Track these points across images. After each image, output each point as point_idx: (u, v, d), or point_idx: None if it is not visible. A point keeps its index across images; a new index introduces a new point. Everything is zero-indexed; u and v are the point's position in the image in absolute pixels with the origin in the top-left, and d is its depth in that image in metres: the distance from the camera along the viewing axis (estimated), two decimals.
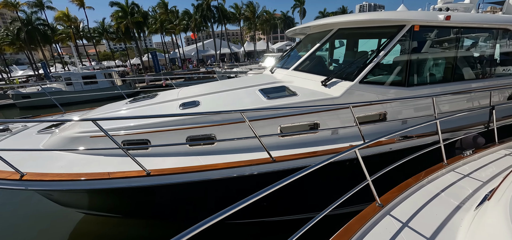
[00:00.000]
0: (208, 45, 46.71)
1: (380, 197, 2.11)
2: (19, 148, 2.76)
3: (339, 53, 5.10)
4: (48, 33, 34.46)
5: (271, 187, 1.38)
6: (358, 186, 1.99)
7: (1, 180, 2.48)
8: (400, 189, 2.27)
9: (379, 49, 3.36)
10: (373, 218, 1.93)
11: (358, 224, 1.87)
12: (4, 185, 2.48)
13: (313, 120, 3.27)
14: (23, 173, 2.48)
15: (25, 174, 2.48)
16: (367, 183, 2.02)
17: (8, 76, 36.02)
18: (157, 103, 3.68)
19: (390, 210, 2.03)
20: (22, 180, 2.44)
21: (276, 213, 3.62)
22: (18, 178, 2.45)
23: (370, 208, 2.03)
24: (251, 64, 20.59)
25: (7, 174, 2.51)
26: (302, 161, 2.82)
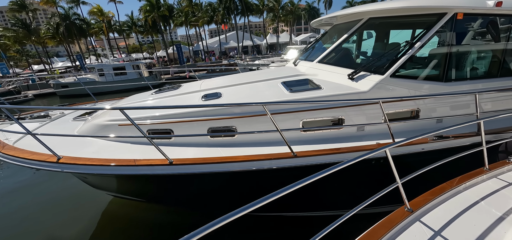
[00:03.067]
0: (231, 37, 46.93)
1: (410, 201, 1.96)
2: (56, 133, 2.97)
3: (367, 45, 4.80)
4: (84, 27, 36.88)
5: (298, 182, 1.33)
6: (387, 188, 1.86)
7: (40, 161, 2.70)
8: (433, 193, 2.08)
9: (414, 40, 3.09)
10: (401, 223, 1.79)
11: (384, 228, 1.74)
12: (43, 167, 2.69)
13: (337, 115, 3.12)
14: (59, 156, 2.67)
15: (61, 157, 2.67)
16: (396, 185, 1.87)
17: (49, 68, 39.35)
18: (180, 94, 3.75)
19: (420, 216, 1.87)
20: (59, 162, 2.63)
21: (296, 208, 3.56)
22: (55, 160, 2.64)
23: (398, 212, 1.89)
24: (273, 57, 20.33)
25: (46, 156, 2.72)
26: (324, 157, 2.72)
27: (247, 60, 20.46)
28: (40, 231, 4.52)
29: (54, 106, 4.08)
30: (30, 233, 4.44)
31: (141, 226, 4.49)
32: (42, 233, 4.47)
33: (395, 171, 1.81)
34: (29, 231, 4.48)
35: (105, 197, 4.90)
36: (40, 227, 4.59)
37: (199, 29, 41.18)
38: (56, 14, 34.95)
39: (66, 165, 2.63)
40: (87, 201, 5.09)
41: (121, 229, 4.48)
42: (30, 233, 4.44)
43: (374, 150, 1.74)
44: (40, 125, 4.04)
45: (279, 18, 41.89)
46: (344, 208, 2.04)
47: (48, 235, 4.46)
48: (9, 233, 4.47)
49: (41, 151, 2.81)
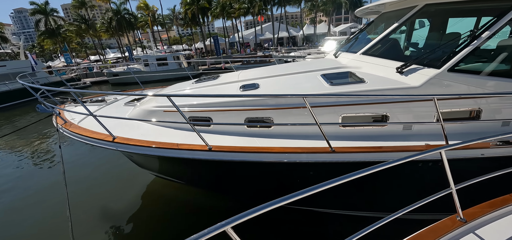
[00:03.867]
0: (266, 29, 46.59)
1: (464, 211, 1.75)
2: (111, 116, 3.30)
3: (419, 36, 4.35)
4: (132, 21, 40.15)
5: (339, 179, 1.26)
6: (440, 193, 1.68)
7: (99, 140, 3.06)
8: (492, 205, 1.82)
9: (480, 30, 2.69)
10: (451, 234, 1.61)
11: (432, 235, 1.58)
12: (100, 144, 3.05)
13: (381, 111, 2.91)
14: (114, 136, 2.99)
15: (116, 137, 2.99)
16: (449, 191, 1.68)
17: (103, 58, 43.90)
18: (219, 84, 3.87)
19: (475, 228, 1.65)
20: (114, 142, 2.95)
21: (332, 205, 3.46)
22: (111, 140, 2.96)
23: (449, 220, 1.70)
24: (309, 49, 19.68)
25: (103, 136, 3.07)
26: (365, 155, 2.57)
27: (282, 52, 20.16)
28: (96, 198, 5.20)
29: (110, 92, 4.57)
30: (87, 202, 5.10)
31: (179, 205, 4.84)
32: (96, 201, 5.13)
33: (450, 175, 1.62)
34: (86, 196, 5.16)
35: (148, 176, 5.38)
36: (95, 197, 5.28)
37: (235, 21, 41.72)
38: (109, 9, 38.63)
39: (119, 144, 2.94)
40: (133, 178, 5.66)
41: (161, 206, 4.89)
42: (87, 202, 5.10)
43: (427, 150, 1.58)
44: (98, 108, 4.55)
45: (317, 8, 40.14)
46: (383, 210, 1.91)
47: (101, 203, 5.11)
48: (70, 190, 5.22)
49: (99, 131, 3.18)
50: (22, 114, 16.19)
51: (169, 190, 5.22)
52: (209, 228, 0.95)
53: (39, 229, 4.48)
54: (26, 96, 19.55)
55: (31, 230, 4.49)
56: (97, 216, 4.73)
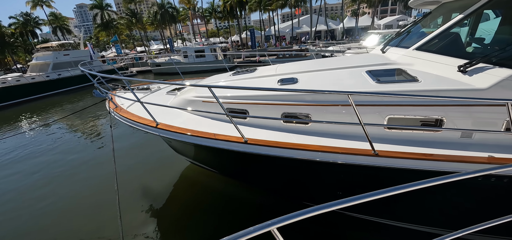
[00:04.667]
0: (303, 21, 45.18)
1: None
2: (156, 103, 3.51)
3: (485, 30, 3.75)
4: (174, 14, 42.40)
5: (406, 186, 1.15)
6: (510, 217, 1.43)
7: (144, 124, 3.28)
8: None
9: None
10: None
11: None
12: (145, 129, 3.25)
13: (435, 114, 2.59)
14: (158, 122, 3.18)
15: (159, 123, 3.17)
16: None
17: (148, 50, 47.34)
18: (256, 77, 3.85)
19: None
20: (157, 127, 3.14)
21: (384, 214, 3.18)
22: (155, 125, 3.16)
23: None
24: (349, 43, 18.55)
25: (148, 121, 3.29)
26: (412, 161, 2.32)
27: (320, 46, 19.35)
28: (138, 177, 5.72)
29: (154, 81, 4.91)
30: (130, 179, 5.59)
31: (210, 192, 5.03)
32: (137, 179, 5.64)
33: None
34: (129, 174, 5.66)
35: (184, 162, 5.68)
36: (137, 175, 5.80)
37: (272, 13, 41.27)
38: (155, 3, 41.32)
39: (162, 130, 3.12)
40: (171, 163, 6.05)
41: (194, 191, 5.14)
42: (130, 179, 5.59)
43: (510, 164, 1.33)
44: (143, 95, 4.89)
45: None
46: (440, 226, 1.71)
47: (142, 182, 5.60)
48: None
49: (144, 116, 3.41)
50: (80, 97, 18.39)
51: (201, 176, 5.46)
52: (255, 227, 0.94)
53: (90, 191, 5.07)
54: (84, 82, 22.21)
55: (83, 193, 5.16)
56: (138, 193, 5.19)
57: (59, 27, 41.33)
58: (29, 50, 40.34)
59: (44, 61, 21.61)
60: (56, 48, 23.91)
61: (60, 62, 21.91)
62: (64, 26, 41.93)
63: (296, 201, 3.82)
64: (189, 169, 5.78)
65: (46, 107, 16.06)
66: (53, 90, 20.49)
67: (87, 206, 4.94)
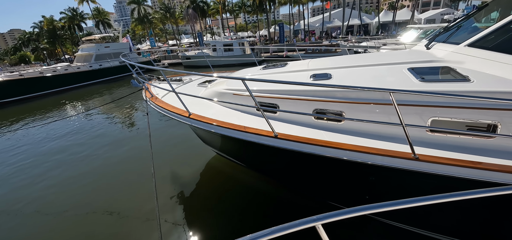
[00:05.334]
0: (335, 15, 43.31)
1: None
2: (189, 94, 3.63)
3: None
4: (205, 8, 43.42)
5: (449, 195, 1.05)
6: None
7: (177, 114, 3.41)
8: None
9: None
10: None
11: None
12: (178, 118, 3.39)
13: (487, 119, 2.31)
14: (190, 112, 3.30)
15: (191, 113, 3.29)
16: None
17: (179, 43, 49.25)
18: (288, 71, 3.78)
19: None
20: (190, 117, 3.25)
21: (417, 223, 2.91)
22: (187, 115, 3.27)
23: None
24: (385, 39, 17.39)
25: (181, 111, 3.42)
26: (458, 169, 2.11)
27: (352, 41, 18.42)
28: (168, 163, 6.02)
29: (187, 72, 5.10)
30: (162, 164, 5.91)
31: (235, 184, 5.10)
32: (168, 165, 5.92)
33: None
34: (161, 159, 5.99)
35: (209, 151, 5.85)
36: (167, 161, 6.11)
37: (303, 7, 40.24)
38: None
39: (194, 120, 3.22)
40: (196, 150, 6.29)
41: (219, 181, 5.26)
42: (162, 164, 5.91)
43: None
44: (176, 86, 5.10)
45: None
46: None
47: (171, 167, 5.90)
48: None
49: (178, 106, 3.55)
50: (118, 87, 19.82)
51: (226, 167, 5.57)
52: (301, 220, 0.93)
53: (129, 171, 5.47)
54: (121, 73, 23.92)
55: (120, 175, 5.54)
56: (168, 178, 5.47)
57: (101, 21, 44.73)
58: (75, 42, 44.45)
59: (88, 52, 23.64)
60: (98, 40, 26.00)
61: (101, 54, 23.80)
62: (105, 20, 45.29)
63: (321, 201, 3.73)
64: (216, 159, 5.94)
65: (90, 95, 17.59)
66: (95, 79, 22.35)
67: (125, 185, 5.35)
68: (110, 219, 4.34)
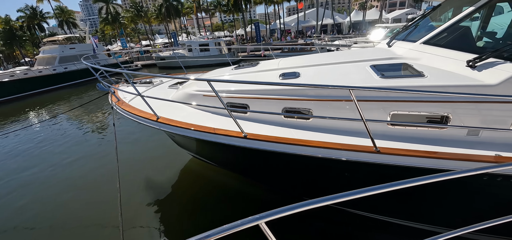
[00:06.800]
0: (310, 15, 44.47)
1: None
2: (157, 97, 3.49)
3: (496, 24, 3.60)
4: (179, 7, 42.24)
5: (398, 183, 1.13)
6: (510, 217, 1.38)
7: (144, 118, 3.28)
8: None
9: None
10: None
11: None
12: (146, 123, 3.27)
13: (441, 111, 2.51)
14: (158, 116, 3.18)
15: (159, 117, 3.17)
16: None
17: (153, 43, 47.44)
18: (258, 71, 3.80)
19: None
20: (157, 121, 3.13)
21: (379, 211, 3.18)
22: (155, 119, 3.15)
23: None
24: (356, 37, 18.21)
25: (149, 115, 3.29)
26: (415, 159, 2.25)
27: (325, 40, 19.04)
28: (141, 170, 5.78)
29: (157, 74, 4.91)
30: (133, 172, 5.66)
31: (214, 187, 5.04)
32: (141, 172, 5.69)
33: None
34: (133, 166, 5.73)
35: (186, 156, 5.70)
36: (140, 168, 5.86)
37: (278, 6, 40.74)
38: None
39: (162, 124, 3.11)
40: (172, 155, 6.11)
41: (198, 185, 5.15)
42: (133, 172, 5.66)
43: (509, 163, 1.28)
44: (145, 89, 4.89)
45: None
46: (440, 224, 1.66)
47: (144, 173, 5.69)
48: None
49: (146, 110, 3.41)
50: (86, 91, 18.61)
51: (203, 169, 5.48)
52: (243, 220, 0.94)
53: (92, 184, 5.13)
54: (91, 76, 22.45)
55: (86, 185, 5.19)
56: (141, 185, 5.25)
57: (65, 20, 41.64)
58: (36, 43, 40.92)
59: (51, 54, 21.92)
60: (62, 42, 24.19)
61: (66, 56, 22.18)
62: (70, 19, 42.23)
63: (296, 197, 3.80)
64: (193, 162, 5.80)
65: (53, 100, 16.31)
66: (60, 83, 20.79)
67: (89, 198, 5.02)
68: (75, 233, 4.07)
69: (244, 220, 0.93)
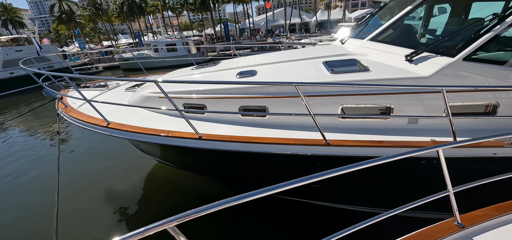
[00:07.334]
0: (278, 14, 45.25)
1: (462, 215, 1.58)
2: (107, 101, 3.27)
3: (439, 23, 4.00)
4: (143, 6, 40.11)
5: (324, 173, 1.22)
6: (436, 195, 1.53)
7: (93, 124, 3.04)
8: (496, 210, 1.62)
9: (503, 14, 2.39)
10: (445, 239, 1.47)
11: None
12: (95, 129, 3.04)
13: (385, 103, 2.70)
14: (109, 121, 2.97)
15: (110, 122, 2.96)
16: (447, 194, 1.52)
17: (115, 44, 44.47)
18: (216, 71, 3.75)
19: (473, 235, 1.50)
20: (108, 127, 2.92)
21: (328, 198, 3.35)
22: (105, 125, 2.94)
23: (445, 224, 1.55)
24: (321, 35, 18.99)
25: (99, 121, 3.06)
26: (362, 149, 2.40)
27: (292, 39, 19.55)
28: (102, 176, 5.41)
29: (110, 77, 4.60)
30: (95, 181, 5.24)
31: (185, 191, 4.88)
32: (102, 179, 5.33)
33: (448, 176, 1.47)
34: (94, 179, 5.30)
35: (152, 161, 5.44)
36: (101, 173, 5.48)
37: (246, 6, 40.78)
38: None
39: (113, 130, 2.92)
40: (137, 162, 5.77)
41: (166, 191, 4.97)
42: (95, 181, 5.24)
43: (425, 148, 1.42)
44: (99, 93, 4.56)
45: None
46: (385, 207, 1.79)
47: (108, 181, 5.33)
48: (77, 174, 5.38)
49: (96, 116, 3.16)
50: (37, 97, 16.79)
51: (169, 174, 5.28)
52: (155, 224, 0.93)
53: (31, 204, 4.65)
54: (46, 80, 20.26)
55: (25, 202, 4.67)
56: (104, 196, 4.91)
57: (10, 19, 37.19)
58: None
59: None
60: (7, 43, 21.54)
61: (12, 59, 19.72)
62: (16, 18, 37.82)
63: None
64: (158, 167, 5.55)
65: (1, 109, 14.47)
66: (6, 90, 18.49)
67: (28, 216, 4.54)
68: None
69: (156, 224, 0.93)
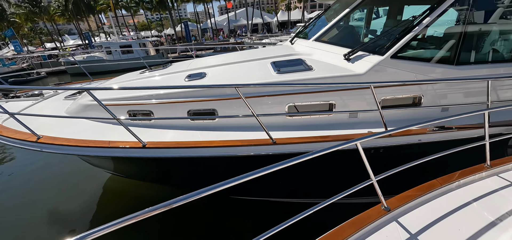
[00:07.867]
0: (241, 14, 45.33)
1: (389, 199, 1.76)
2: (42, 113, 2.91)
3: (379, 24, 4.41)
4: (91, 3, 36.67)
5: (265, 169, 1.27)
6: (361, 184, 1.67)
7: (21, 140, 2.67)
8: (418, 190, 1.85)
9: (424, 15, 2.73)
10: (374, 223, 1.61)
11: (354, 227, 1.57)
12: (23, 145, 2.67)
13: (328, 99, 2.88)
14: (39, 136, 2.63)
15: (41, 137, 2.63)
16: (370, 182, 1.68)
17: (61, 46, 39.88)
18: (165, 74, 3.59)
19: (398, 216, 1.67)
20: (38, 142, 2.59)
21: (278, 194, 3.45)
22: (35, 140, 2.60)
23: (374, 210, 1.71)
24: (282, 35, 19.56)
25: (27, 135, 2.69)
26: (306, 145, 2.53)
27: (253, 39, 19.78)
28: (47, 202, 4.76)
29: (43, 86, 4.08)
30: (36, 205, 4.62)
31: (142, 202, 4.52)
32: (48, 205, 4.70)
33: (369, 166, 1.62)
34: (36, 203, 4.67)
35: (104, 173, 5.00)
36: (46, 200, 4.85)
37: (208, 5, 40.04)
38: None
39: (45, 145, 2.60)
40: (88, 176, 5.28)
41: (122, 204, 4.62)
42: (36, 205, 4.62)
43: (346, 141, 1.55)
44: (32, 103, 4.03)
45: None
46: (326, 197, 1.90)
47: (55, 201, 4.78)
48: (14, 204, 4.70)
49: (24, 130, 2.78)
50: None
51: (123, 185, 4.92)
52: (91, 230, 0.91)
53: None
54: None
55: None
56: (51, 217, 4.43)
57: None
58: None
59: None
60: None
61: None
62: None
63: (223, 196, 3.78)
64: (111, 180, 5.12)
65: None
66: None
67: None
68: None
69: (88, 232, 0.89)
